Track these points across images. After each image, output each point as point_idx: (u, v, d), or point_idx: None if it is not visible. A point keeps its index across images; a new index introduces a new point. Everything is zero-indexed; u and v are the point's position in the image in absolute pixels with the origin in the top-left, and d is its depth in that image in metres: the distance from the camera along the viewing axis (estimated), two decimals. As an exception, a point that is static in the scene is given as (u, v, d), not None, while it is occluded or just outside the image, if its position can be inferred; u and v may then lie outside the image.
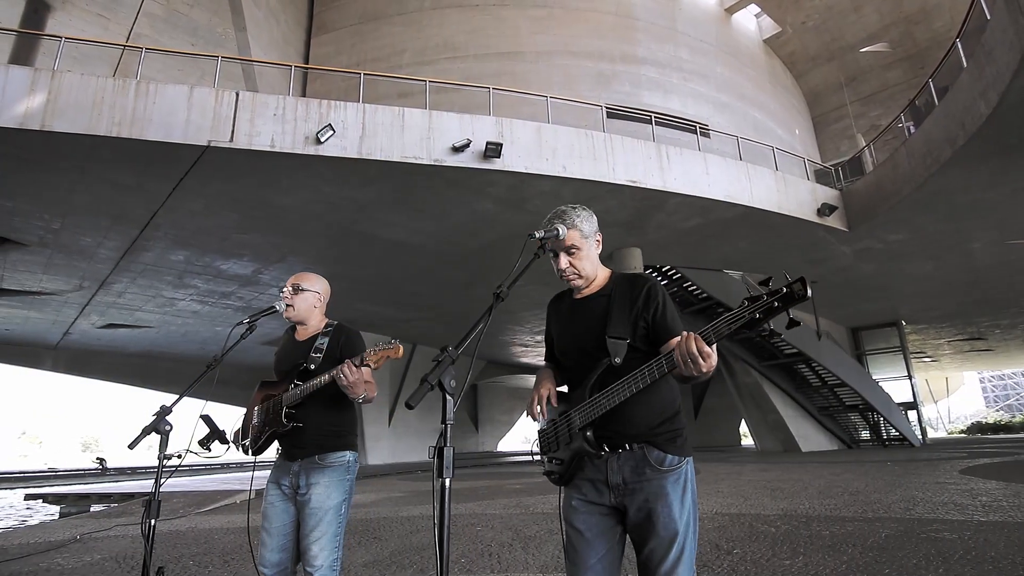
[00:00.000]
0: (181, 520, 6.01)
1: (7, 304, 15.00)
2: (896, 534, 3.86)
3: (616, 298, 1.50)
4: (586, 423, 1.41)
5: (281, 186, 9.15)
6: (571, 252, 1.54)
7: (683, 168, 10.29)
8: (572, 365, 1.55)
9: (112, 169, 8.34)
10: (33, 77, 7.56)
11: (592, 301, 1.55)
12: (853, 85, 20.22)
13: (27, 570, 3.79)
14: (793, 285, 1.15)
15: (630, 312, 1.46)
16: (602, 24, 15.68)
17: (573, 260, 1.55)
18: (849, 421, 17.63)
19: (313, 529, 1.87)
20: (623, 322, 1.45)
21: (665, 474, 1.38)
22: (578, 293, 1.60)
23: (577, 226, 1.54)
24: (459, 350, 1.22)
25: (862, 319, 19.53)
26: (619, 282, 1.55)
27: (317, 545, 1.85)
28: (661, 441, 1.41)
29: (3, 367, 21.78)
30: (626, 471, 1.40)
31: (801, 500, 5.78)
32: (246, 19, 12.91)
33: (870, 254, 13.25)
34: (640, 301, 1.47)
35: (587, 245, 1.56)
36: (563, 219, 1.54)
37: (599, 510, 1.42)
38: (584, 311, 1.55)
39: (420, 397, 1.15)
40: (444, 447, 1.15)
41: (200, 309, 15.66)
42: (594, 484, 1.43)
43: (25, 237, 10.47)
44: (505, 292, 1.39)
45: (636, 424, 1.41)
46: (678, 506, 1.36)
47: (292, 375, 2.03)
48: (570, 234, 1.53)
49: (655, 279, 1.53)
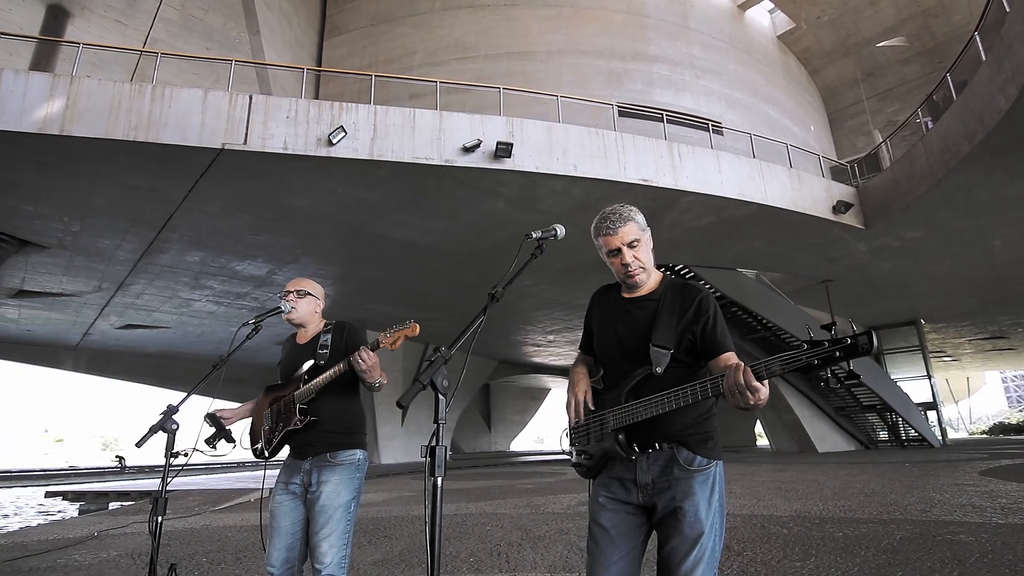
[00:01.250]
0: (196, 518, 6.09)
1: (29, 305, 15.32)
2: (911, 536, 3.80)
3: (665, 305, 1.47)
4: (619, 427, 1.41)
5: (294, 188, 9.24)
6: (632, 245, 1.50)
7: (695, 166, 10.21)
8: (610, 364, 1.53)
9: (129, 172, 8.48)
10: (52, 83, 7.70)
11: (640, 303, 1.52)
12: (870, 80, 19.92)
13: (45, 566, 3.87)
14: (859, 337, 1.09)
15: (678, 322, 1.43)
16: (613, 22, 15.61)
17: (637, 253, 1.51)
18: (867, 421, 17.36)
19: (323, 527, 1.89)
20: (669, 331, 1.42)
21: (694, 474, 1.38)
22: (628, 291, 1.56)
23: (633, 218, 1.51)
24: (452, 350, 1.23)
25: (880, 318, 19.22)
26: (670, 288, 1.52)
27: (327, 543, 1.88)
28: (692, 442, 1.40)
29: (25, 367, 22.29)
30: (655, 470, 1.40)
31: (815, 501, 5.71)
32: (259, 22, 13.05)
33: (887, 252, 13.05)
34: (690, 312, 1.44)
35: (645, 237, 1.53)
36: (619, 215, 1.50)
37: (626, 508, 1.42)
38: (631, 312, 1.52)
39: (412, 396, 1.15)
40: (436, 446, 1.15)
41: (216, 310, 15.86)
42: (623, 483, 1.43)
43: (46, 239, 10.68)
44: (500, 292, 1.39)
45: (668, 425, 1.40)
46: (705, 507, 1.35)
47: (300, 375, 2.07)
48: (629, 227, 1.50)
49: (707, 291, 1.49)
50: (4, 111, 7.35)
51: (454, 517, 5.59)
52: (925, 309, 18.50)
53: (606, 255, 1.53)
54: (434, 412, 1.15)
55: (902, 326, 19.61)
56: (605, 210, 1.53)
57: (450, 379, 1.20)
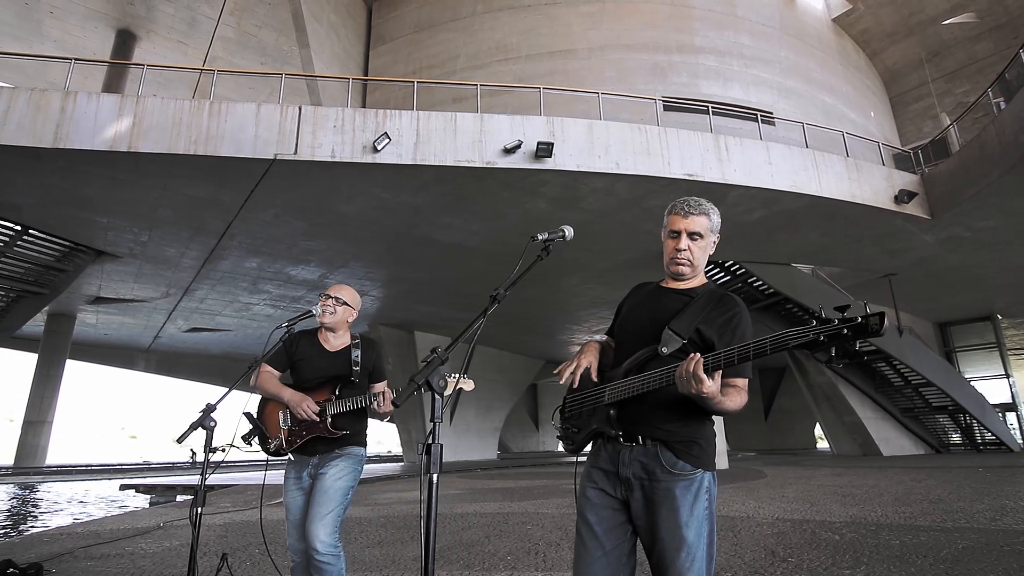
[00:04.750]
0: (253, 511, 6.39)
1: (105, 311, 16.47)
2: (975, 546, 3.56)
3: (698, 303, 1.45)
4: (612, 401, 1.40)
5: (342, 194, 9.54)
6: (694, 237, 1.48)
7: (743, 159, 9.91)
8: (626, 344, 1.51)
9: (191, 184, 8.98)
10: (121, 103, 8.26)
11: (675, 294, 1.51)
12: (935, 61, 18.72)
13: (115, 553, 4.17)
14: (870, 317, 1.07)
15: (704, 320, 1.41)
16: (657, 15, 15.31)
17: (694, 245, 1.48)
18: (937, 423, 16.33)
19: (320, 506, 2.02)
20: (690, 323, 1.40)
21: (675, 477, 1.34)
22: (669, 281, 1.55)
23: (707, 213, 1.49)
24: (448, 351, 1.26)
25: (950, 313, 18.06)
26: (711, 292, 1.49)
27: (322, 523, 1.99)
28: (676, 446, 1.37)
29: (103, 368, 23.97)
30: (636, 467, 1.37)
31: (873, 507, 5.44)
32: (309, 36, 13.53)
33: (957, 243, 12.25)
34: (721, 319, 1.41)
35: (710, 239, 1.51)
36: (699, 203, 1.50)
37: (612, 504, 1.40)
38: (661, 300, 1.51)
39: (406, 397, 1.19)
40: (432, 444, 1.18)
41: (273, 313, 16.58)
42: (607, 475, 1.41)
43: (118, 249, 11.45)
44: (502, 295, 1.42)
45: (655, 420, 1.38)
46: (686, 512, 1.31)
47: (331, 384, 2.21)
48: (701, 220, 1.48)
49: (744, 306, 1.46)
50: (79, 131, 7.95)
51: (496, 516, 5.65)
52: (1002, 303, 17.23)
53: (667, 235, 1.52)
54: (431, 411, 1.19)
55: (976, 322, 18.36)
56: (687, 198, 1.52)
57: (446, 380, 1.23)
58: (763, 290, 14.30)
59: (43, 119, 7.86)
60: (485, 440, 21.23)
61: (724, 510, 5.52)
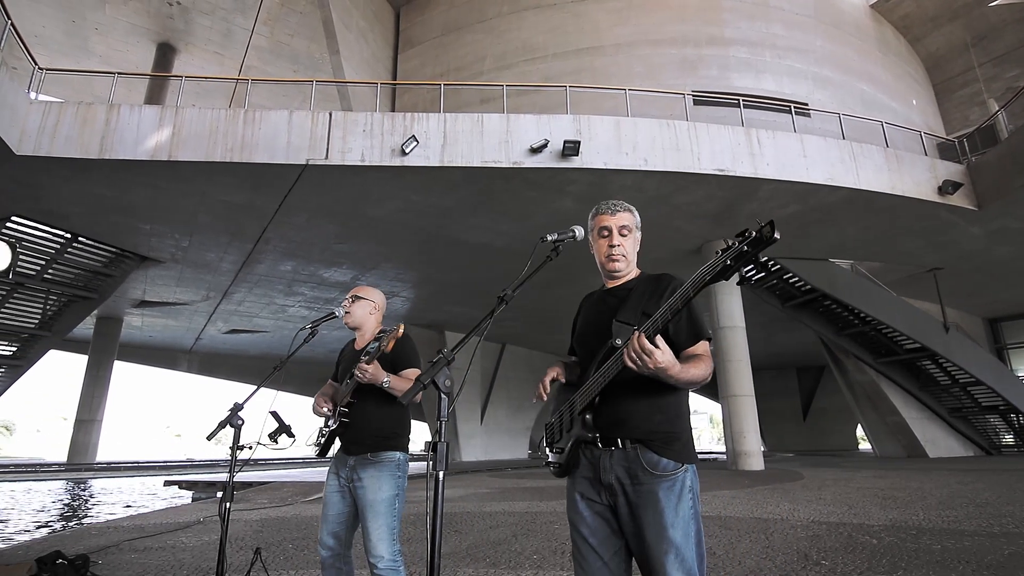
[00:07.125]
0: (288, 508, 6.56)
1: (150, 314, 17.13)
2: (1023, 552, 3.41)
3: (636, 290, 1.51)
4: (585, 405, 1.41)
5: (372, 197, 9.71)
6: (623, 232, 1.58)
7: (776, 152, 9.68)
8: (583, 356, 1.55)
9: (228, 190, 9.28)
10: (161, 114, 8.59)
11: (616, 291, 1.57)
12: (982, 44, 17.89)
13: (157, 546, 4.34)
14: (763, 227, 1.11)
15: (647, 303, 1.45)
16: (685, 8, 15.06)
17: (624, 240, 1.58)
18: (987, 424, 15.62)
19: (370, 521, 2.02)
20: (635, 310, 1.44)
21: (658, 479, 1.33)
22: (608, 282, 1.62)
23: (630, 210, 1.61)
24: (455, 352, 1.27)
25: (1001, 309, 17.25)
26: (646, 278, 1.57)
27: (376, 535, 2.00)
28: (656, 443, 1.36)
29: (148, 369, 24.96)
30: (619, 471, 1.36)
31: (915, 510, 5.24)
32: (339, 42, 13.81)
33: (1007, 234, 11.70)
34: (658, 294, 1.45)
35: (636, 234, 1.61)
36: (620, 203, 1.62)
37: (601, 512, 1.40)
38: (606, 301, 1.57)
39: (411, 395, 1.21)
40: (438, 442, 1.20)
41: (308, 314, 16.97)
42: (590, 482, 1.42)
43: (161, 255, 11.91)
44: (510, 296, 1.43)
45: (631, 420, 1.38)
46: (671, 514, 1.30)
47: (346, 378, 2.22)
48: (625, 215, 1.59)
49: (679, 278, 1.48)
50: (122, 141, 8.30)
51: (524, 515, 5.66)
52: (1058, 298, 16.37)
53: (596, 235, 1.60)
54: (436, 410, 1.21)
55: (1030, 317, 17.48)
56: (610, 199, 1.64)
57: (453, 379, 1.25)
58: (800, 287, 13.93)
59: (89, 131, 8.24)
60: (516, 439, 21.26)
61: (757, 512, 5.41)
